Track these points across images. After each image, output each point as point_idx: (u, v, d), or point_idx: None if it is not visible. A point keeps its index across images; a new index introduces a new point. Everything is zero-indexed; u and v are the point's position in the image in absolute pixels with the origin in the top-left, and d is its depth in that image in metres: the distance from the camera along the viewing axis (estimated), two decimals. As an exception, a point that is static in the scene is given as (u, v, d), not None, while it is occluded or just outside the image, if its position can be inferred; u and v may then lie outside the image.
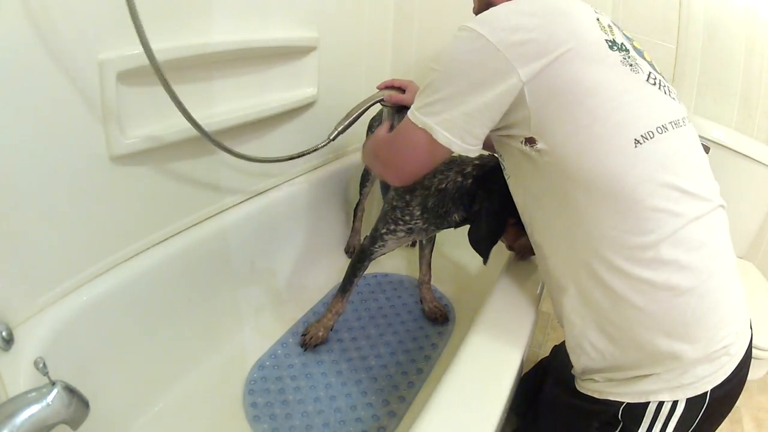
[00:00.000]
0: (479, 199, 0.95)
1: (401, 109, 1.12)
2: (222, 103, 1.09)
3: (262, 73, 1.18)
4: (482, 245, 0.95)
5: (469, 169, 0.99)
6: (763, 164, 1.38)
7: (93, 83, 0.82)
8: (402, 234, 1.08)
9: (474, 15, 0.85)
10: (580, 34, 0.65)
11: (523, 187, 0.76)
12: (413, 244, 1.63)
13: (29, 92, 0.74)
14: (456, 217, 1.01)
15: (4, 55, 0.69)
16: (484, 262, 0.96)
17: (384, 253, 1.15)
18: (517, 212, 0.81)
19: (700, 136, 1.46)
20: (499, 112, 0.67)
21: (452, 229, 1.06)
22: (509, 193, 0.81)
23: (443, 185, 0.99)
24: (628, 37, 0.72)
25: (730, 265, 0.68)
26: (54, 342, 0.80)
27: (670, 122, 0.67)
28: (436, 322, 1.34)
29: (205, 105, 1.06)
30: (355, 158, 1.64)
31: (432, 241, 1.34)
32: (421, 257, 1.35)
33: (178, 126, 0.98)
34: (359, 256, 1.16)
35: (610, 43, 0.66)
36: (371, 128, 1.41)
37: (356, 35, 1.52)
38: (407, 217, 1.05)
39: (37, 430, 0.49)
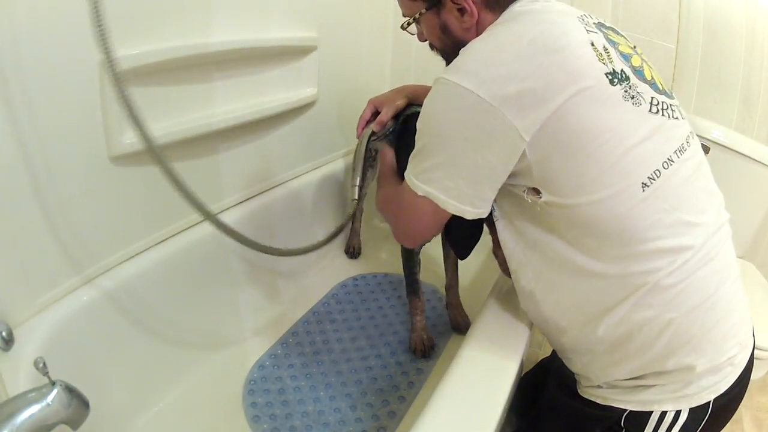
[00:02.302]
0: None
1: (395, 124, 1.10)
2: (222, 103, 1.09)
3: (262, 73, 1.18)
4: (459, 242, 0.90)
5: None
6: (763, 164, 1.38)
7: (93, 83, 0.82)
8: None
9: (439, 55, 0.80)
10: (579, 73, 0.59)
11: (516, 232, 0.72)
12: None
13: (29, 92, 0.74)
14: None
15: (3, 54, 0.69)
16: (461, 257, 0.92)
17: (423, 245, 1.11)
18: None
19: (699, 137, 1.46)
20: (505, 171, 0.63)
21: None
22: None
23: None
24: (624, 56, 0.66)
25: (735, 275, 0.68)
26: (54, 342, 0.80)
27: (675, 151, 0.64)
28: (457, 332, 1.29)
29: (205, 105, 1.06)
30: (352, 159, 1.64)
31: None
32: (446, 260, 1.29)
33: (178, 126, 0.99)
34: (405, 253, 1.16)
35: (610, 77, 0.61)
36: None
37: (356, 35, 1.52)
38: None
39: (37, 430, 0.49)
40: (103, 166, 0.88)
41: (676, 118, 0.67)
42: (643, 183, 0.61)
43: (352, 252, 1.60)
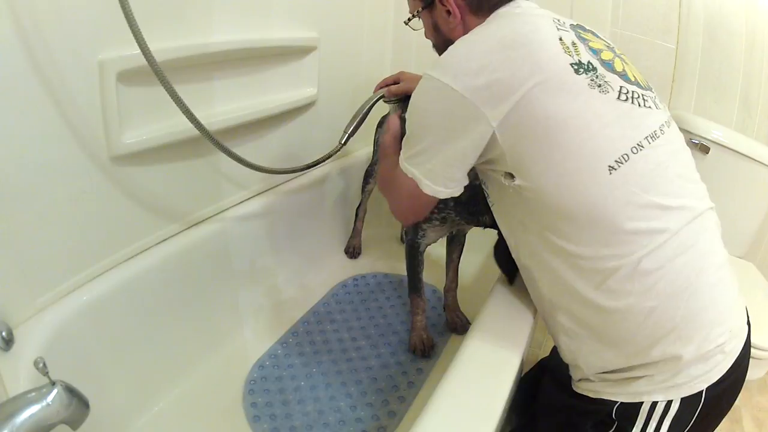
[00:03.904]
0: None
1: (405, 99, 1.13)
2: (222, 103, 1.09)
3: (262, 73, 1.18)
4: (508, 266, 0.92)
5: None
6: (763, 164, 1.38)
7: (93, 83, 0.82)
8: (437, 223, 1.07)
9: (435, 51, 0.87)
10: (543, 64, 0.64)
11: (507, 214, 0.77)
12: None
13: (29, 92, 0.74)
14: (486, 219, 0.97)
15: (3, 54, 0.69)
16: (510, 281, 0.94)
17: (428, 244, 1.16)
18: None
19: (700, 137, 1.46)
20: (474, 155, 0.69)
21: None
22: None
23: (477, 181, 0.94)
24: (594, 50, 0.69)
25: (720, 262, 0.68)
26: (54, 342, 0.80)
27: (646, 137, 0.66)
28: (455, 333, 1.31)
29: (205, 105, 1.06)
30: (355, 158, 1.64)
31: (461, 245, 1.29)
32: (448, 263, 1.30)
33: (178, 126, 0.98)
34: (410, 252, 1.17)
35: (576, 67, 0.65)
36: (381, 125, 1.42)
37: (356, 35, 1.52)
38: (441, 205, 1.03)
39: (37, 430, 0.49)
40: (103, 166, 0.88)
41: (649, 107, 0.69)
42: (609, 166, 0.63)
43: (352, 252, 1.60)
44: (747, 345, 0.68)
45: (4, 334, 0.75)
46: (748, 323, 0.71)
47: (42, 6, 0.72)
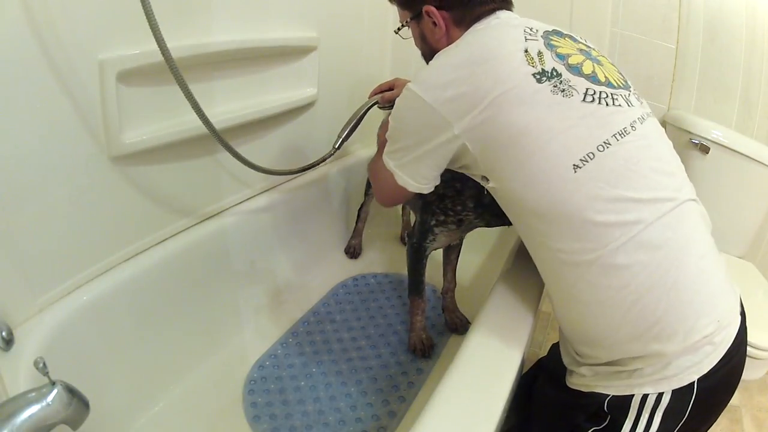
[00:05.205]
0: None
1: None
2: (222, 103, 1.09)
3: (262, 73, 1.19)
4: None
5: None
6: (763, 164, 1.38)
7: (93, 83, 0.82)
8: (453, 227, 1.06)
9: (423, 60, 0.93)
10: (505, 77, 0.68)
11: (506, 212, 0.81)
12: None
13: (29, 92, 0.74)
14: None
15: (3, 55, 0.69)
16: None
17: (435, 248, 1.14)
18: None
19: (700, 137, 1.46)
20: (443, 159, 0.76)
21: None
22: None
23: None
24: (560, 56, 0.72)
25: (702, 252, 0.68)
26: (54, 342, 0.81)
27: (614, 134, 0.68)
28: (455, 333, 1.30)
29: (205, 105, 1.04)
30: (354, 159, 1.64)
31: (459, 246, 1.29)
32: (446, 263, 1.29)
33: (178, 126, 0.99)
34: (414, 255, 1.15)
35: (538, 76, 0.69)
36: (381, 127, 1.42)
37: (356, 35, 1.52)
38: (459, 207, 1.02)
39: (37, 430, 0.49)
40: (103, 166, 0.88)
41: (619, 105, 0.71)
42: (574, 165, 0.66)
43: (352, 252, 1.60)
44: (741, 336, 0.67)
45: (4, 334, 0.75)
46: (743, 314, 0.70)
47: (41, 6, 0.72)
